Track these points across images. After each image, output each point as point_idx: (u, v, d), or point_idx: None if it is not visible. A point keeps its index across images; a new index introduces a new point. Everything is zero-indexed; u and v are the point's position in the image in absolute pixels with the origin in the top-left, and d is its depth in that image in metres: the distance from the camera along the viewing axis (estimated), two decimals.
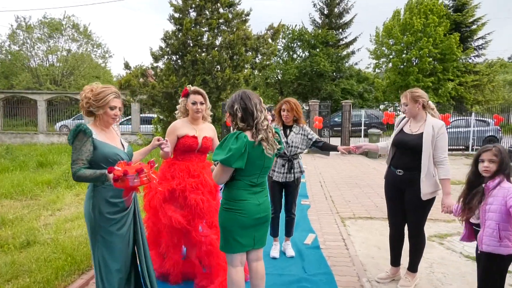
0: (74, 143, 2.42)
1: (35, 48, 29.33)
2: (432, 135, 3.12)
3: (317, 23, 32.93)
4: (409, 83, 24.97)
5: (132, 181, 2.24)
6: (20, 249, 4.30)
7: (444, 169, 3.13)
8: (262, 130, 2.41)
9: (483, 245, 2.45)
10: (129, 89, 10.03)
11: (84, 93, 2.51)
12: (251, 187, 2.50)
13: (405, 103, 3.26)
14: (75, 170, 2.36)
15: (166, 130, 3.26)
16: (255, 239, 2.56)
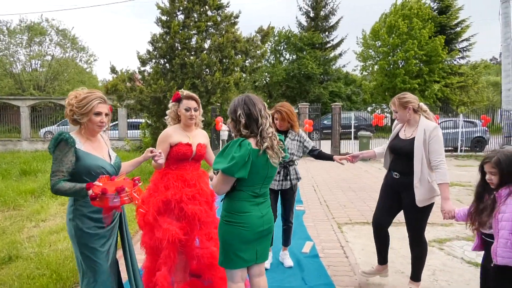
0: (55, 152, 2.24)
1: (17, 53, 28.69)
2: (424, 139, 3.04)
3: (304, 26, 33.07)
4: (396, 85, 25.19)
5: (112, 201, 2.05)
6: (1, 265, 4.05)
7: (440, 173, 3.00)
8: (267, 138, 2.25)
9: (498, 258, 2.29)
10: (116, 94, 9.77)
11: (68, 100, 2.33)
12: (254, 198, 2.32)
13: (395, 110, 3.20)
14: (54, 182, 2.19)
15: (157, 137, 3.05)
16: (257, 253, 2.38)
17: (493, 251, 2.33)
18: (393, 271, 3.88)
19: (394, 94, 24.21)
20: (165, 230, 2.78)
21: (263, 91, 33.28)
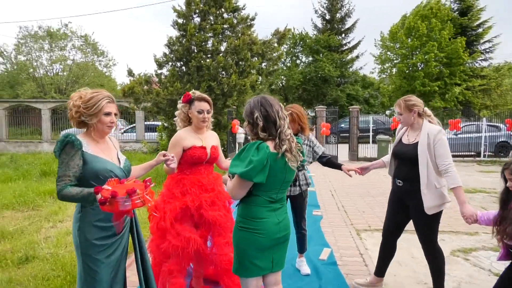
0: (61, 156, 2.11)
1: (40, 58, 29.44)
2: (428, 144, 2.95)
3: (319, 28, 32.84)
4: (415, 88, 24.70)
5: (123, 204, 1.91)
6: (18, 265, 4.07)
7: (451, 177, 2.85)
8: (286, 140, 2.15)
9: None
10: (133, 97, 9.82)
11: (72, 101, 2.19)
12: (270, 204, 2.22)
13: (400, 112, 3.12)
14: (60, 187, 2.06)
15: (169, 142, 2.95)
16: (273, 261, 2.27)
17: None
18: (415, 282, 3.72)
19: None
20: (187, 239, 2.68)
21: (279, 94, 33.16)
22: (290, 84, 30.70)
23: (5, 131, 18.43)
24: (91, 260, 2.18)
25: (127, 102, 15.36)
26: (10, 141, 18.38)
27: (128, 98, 11.03)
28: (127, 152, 16.73)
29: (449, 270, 3.95)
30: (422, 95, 25.03)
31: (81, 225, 2.18)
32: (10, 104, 19.26)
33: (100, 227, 2.18)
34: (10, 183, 8.71)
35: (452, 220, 5.74)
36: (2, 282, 3.54)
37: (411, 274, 3.87)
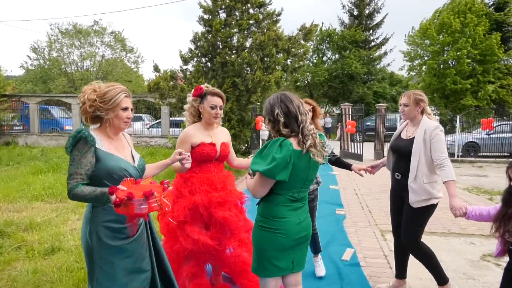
0: (73, 152, 1.98)
1: (71, 54, 30.36)
2: (424, 139, 2.98)
3: (346, 24, 32.27)
4: (445, 86, 23.89)
5: (139, 208, 1.79)
6: (44, 255, 4.18)
7: (445, 171, 2.88)
8: (309, 136, 2.09)
9: None
10: (158, 92, 9.94)
11: (86, 95, 2.06)
12: (292, 203, 2.16)
13: (406, 104, 3.11)
14: (71, 186, 1.93)
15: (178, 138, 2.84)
16: (294, 261, 2.21)
17: None
18: None
19: (443, 95, 22.88)
20: (196, 241, 2.59)
21: (305, 91, 32.86)
22: (315, 81, 30.35)
23: (37, 124, 19.10)
24: (107, 262, 2.04)
25: (152, 97, 15.59)
26: (42, 134, 19.03)
27: (153, 94, 11.19)
28: (153, 147, 17.01)
29: (479, 276, 3.78)
30: (453, 93, 24.20)
31: (92, 226, 2.05)
32: (42, 99, 19.93)
33: (111, 228, 2.05)
34: (40, 176, 9.01)
35: (482, 224, 5.50)
36: (28, 273, 3.63)
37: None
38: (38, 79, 30.12)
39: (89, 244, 2.05)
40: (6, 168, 10.43)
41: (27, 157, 12.78)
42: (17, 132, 19.16)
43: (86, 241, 2.06)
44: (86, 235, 2.06)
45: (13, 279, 3.54)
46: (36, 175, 9.04)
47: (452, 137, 14.73)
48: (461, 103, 23.76)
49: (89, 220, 2.07)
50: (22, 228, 5.07)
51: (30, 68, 30.88)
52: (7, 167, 10.61)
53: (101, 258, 2.03)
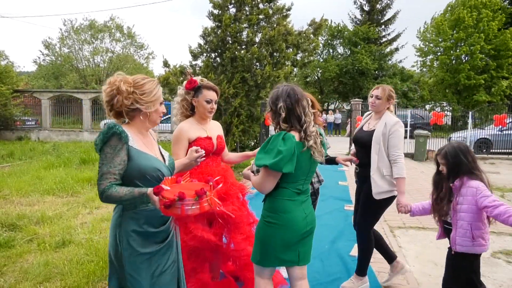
0: (104, 150, 1.81)
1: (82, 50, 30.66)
2: (384, 132, 3.04)
3: (358, 20, 31.95)
4: (459, 81, 23.57)
5: (190, 208, 1.63)
6: (55, 248, 4.24)
7: (397, 167, 2.99)
8: (311, 136, 2.09)
9: (457, 246, 2.46)
10: (167, 87, 9.97)
11: (118, 87, 1.86)
12: (297, 196, 2.17)
13: (379, 96, 3.16)
14: (105, 187, 1.76)
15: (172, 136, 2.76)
16: (300, 255, 2.21)
17: (452, 240, 2.49)
18: None
19: (456, 91, 22.50)
20: (199, 238, 2.55)
21: (314, 87, 32.69)
22: (325, 76, 30.17)
23: (49, 120, 19.35)
24: (135, 269, 1.89)
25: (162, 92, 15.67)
26: (53, 129, 19.27)
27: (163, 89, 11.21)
28: (163, 142, 17.12)
29: (489, 273, 3.73)
30: (466, 88, 23.84)
31: (123, 231, 1.89)
32: (54, 94, 20.17)
33: (143, 233, 1.90)
34: (52, 170, 9.13)
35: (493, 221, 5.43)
36: (40, 265, 3.70)
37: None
38: (50, 75, 30.50)
39: (119, 251, 1.89)
40: (19, 163, 10.60)
41: (39, 151, 12.97)
42: (29, 127, 19.45)
43: (116, 248, 1.90)
44: (116, 241, 1.90)
45: (25, 271, 3.60)
46: (48, 170, 9.18)
47: (464, 133, 14.52)
48: (474, 99, 23.40)
49: (119, 225, 1.90)
50: (34, 221, 5.16)
51: (42, 64, 31.29)
52: (19, 162, 10.79)
53: (132, 266, 1.89)
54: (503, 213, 2.21)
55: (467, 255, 2.45)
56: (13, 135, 18.79)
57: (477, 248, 2.42)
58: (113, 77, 1.93)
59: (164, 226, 1.98)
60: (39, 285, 3.37)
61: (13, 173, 8.68)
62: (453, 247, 2.50)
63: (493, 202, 2.29)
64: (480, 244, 2.42)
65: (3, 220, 4.98)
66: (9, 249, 4.18)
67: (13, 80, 19.00)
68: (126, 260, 1.88)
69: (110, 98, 1.90)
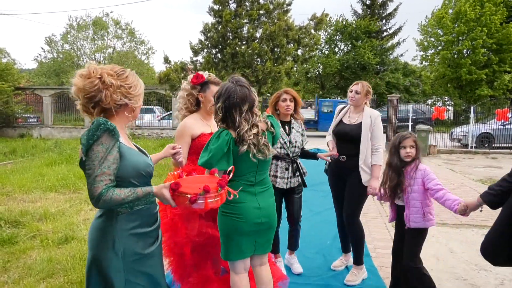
0: (94, 149, 1.61)
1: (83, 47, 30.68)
2: (370, 124, 3.27)
3: (359, 14, 31.78)
4: (460, 76, 23.46)
5: (213, 201, 1.67)
6: (58, 245, 4.26)
7: (377, 156, 3.28)
8: (247, 141, 2.10)
9: (411, 223, 2.76)
10: (168, 84, 9.97)
11: (106, 79, 1.69)
12: (250, 187, 2.21)
13: (358, 91, 3.34)
14: (102, 191, 1.58)
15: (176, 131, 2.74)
16: (256, 244, 2.31)
17: (406, 218, 2.78)
18: (453, 277, 3.53)
19: (458, 85, 22.39)
20: (203, 234, 2.56)
21: (316, 82, 32.62)
22: (327, 71, 30.07)
23: (50, 117, 19.38)
24: (134, 274, 1.77)
25: (163, 89, 15.67)
26: (55, 126, 19.32)
27: (164, 85, 11.22)
28: (164, 139, 17.13)
29: (491, 267, 3.72)
30: (468, 83, 23.75)
31: (117, 236, 1.72)
32: (56, 91, 20.19)
33: (139, 235, 1.78)
34: (54, 167, 9.16)
35: (496, 215, 5.43)
36: (43, 261, 3.72)
37: (449, 270, 3.68)
38: (51, 72, 30.54)
39: (111, 258, 1.71)
40: (21, 160, 10.63)
41: (41, 149, 13.00)
42: (31, 125, 19.50)
43: (106, 255, 1.71)
44: (107, 247, 1.71)
45: (29, 267, 3.63)
46: (50, 167, 9.20)
47: (466, 128, 14.48)
48: (476, 94, 23.30)
49: (109, 231, 1.72)
50: (36, 218, 5.18)
51: (43, 61, 31.31)
52: (22, 159, 10.83)
53: (129, 270, 1.74)
54: (441, 197, 2.60)
55: (419, 230, 2.77)
56: (15, 133, 18.84)
57: (427, 223, 2.75)
58: (88, 68, 1.73)
59: (156, 224, 1.89)
60: (42, 281, 3.38)
61: (15, 170, 8.71)
62: (407, 224, 2.78)
63: (435, 186, 2.65)
64: (429, 219, 2.75)
65: (6, 217, 5.00)
66: (13, 245, 4.20)
67: (15, 77, 19.06)
68: (127, 265, 1.73)
69: (94, 94, 1.70)
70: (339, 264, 3.69)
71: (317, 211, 5.66)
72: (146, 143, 14.32)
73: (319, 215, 5.49)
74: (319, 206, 5.90)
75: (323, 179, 7.77)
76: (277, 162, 3.27)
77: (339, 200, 3.54)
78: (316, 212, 5.60)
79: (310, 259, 3.89)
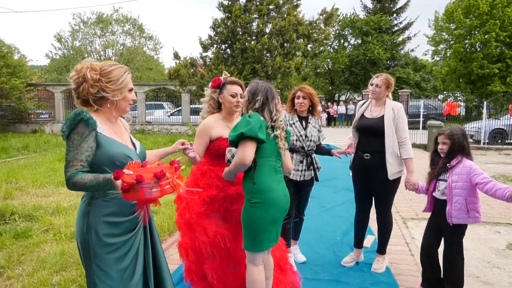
0: (71, 136, 1.78)
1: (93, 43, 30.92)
2: (393, 117, 3.23)
3: (369, 9, 31.43)
4: (472, 71, 23.11)
5: (149, 192, 1.61)
6: (70, 238, 4.31)
7: (406, 149, 3.23)
8: (279, 128, 2.37)
9: (453, 219, 2.75)
10: (178, 79, 9.98)
11: (84, 74, 1.84)
12: (275, 174, 2.36)
13: (379, 85, 3.31)
14: (71, 174, 1.72)
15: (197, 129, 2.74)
16: (277, 233, 2.44)
17: (448, 214, 2.76)
18: (466, 275, 3.48)
19: (469, 80, 22.08)
20: (214, 233, 2.54)
21: (325, 78, 32.42)
22: (336, 67, 29.86)
23: (62, 113, 19.60)
24: (103, 261, 1.84)
25: (173, 85, 15.73)
26: None
27: (174, 81, 11.25)
28: (173, 134, 17.21)
29: (504, 265, 3.69)
30: (480, 78, 23.38)
31: (91, 220, 1.84)
32: (67, 88, 20.36)
33: (112, 223, 1.86)
34: None
35: (509, 212, 5.35)
36: (56, 254, 3.77)
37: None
38: (63, 68, 30.84)
39: (87, 241, 1.85)
40: (34, 155, 10.78)
41: (53, 144, 13.17)
42: (43, 120, 19.75)
43: (83, 237, 1.87)
44: (83, 230, 1.86)
45: (42, 260, 3.68)
46: (62, 162, 9.30)
47: (479, 124, 14.28)
48: (488, 89, 22.94)
49: (87, 213, 1.86)
50: (49, 212, 5.25)
51: (54, 57, 31.64)
52: (34, 154, 10.97)
53: (99, 257, 1.84)
54: (491, 188, 2.55)
55: (460, 226, 2.78)
56: (28, 128, 19.10)
57: (471, 219, 2.72)
58: (81, 64, 1.90)
59: (133, 216, 1.93)
60: (56, 274, 3.43)
61: (28, 165, 8.83)
62: (448, 220, 2.77)
63: (484, 179, 2.62)
64: (474, 216, 2.72)
65: (20, 211, 5.08)
66: (26, 239, 4.26)
67: (27, 74, 19.28)
68: (93, 251, 1.84)
69: (76, 86, 1.87)
70: (349, 260, 3.67)
71: (328, 206, 5.64)
72: (156, 139, 14.40)
73: (330, 211, 5.47)
74: (330, 202, 5.88)
75: (334, 175, 7.74)
76: (292, 155, 3.36)
77: (362, 196, 3.56)
78: (327, 207, 5.58)
79: (321, 255, 3.88)
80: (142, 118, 18.64)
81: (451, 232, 2.82)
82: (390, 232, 3.55)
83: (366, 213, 3.63)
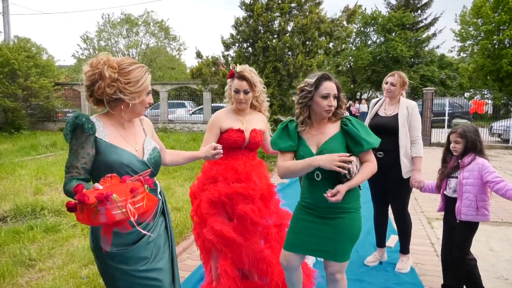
0: (71, 142, 1.67)
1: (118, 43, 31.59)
2: (407, 115, 3.24)
3: (392, 5, 30.83)
4: (501, 67, 22.34)
5: (93, 215, 1.34)
6: None
7: (417, 147, 3.25)
8: None
9: (462, 215, 2.73)
10: (200, 78, 10.07)
11: (102, 70, 1.65)
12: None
13: (394, 83, 3.32)
14: (65, 181, 1.63)
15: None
16: None
17: (457, 210, 2.76)
18: (494, 276, 3.41)
19: (498, 77, 21.41)
20: (219, 232, 2.48)
21: (347, 76, 32.04)
22: (358, 65, 29.45)
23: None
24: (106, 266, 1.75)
25: (194, 84, 15.88)
26: None
27: (196, 80, 11.35)
28: (195, 133, 17.40)
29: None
30: (509, 75, 22.58)
31: (93, 230, 1.74)
32: None
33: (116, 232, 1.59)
34: None
35: None
36: (84, 248, 3.89)
37: (490, 268, 3.55)
38: None
39: (92, 248, 1.78)
40: (61, 152, 11.11)
41: None
42: None
43: (90, 244, 1.81)
44: (92, 245, 1.78)
45: (71, 254, 3.81)
46: None
47: (507, 123, 13.82)
48: None
49: None
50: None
51: (81, 57, 32.49)
52: (62, 151, 11.31)
53: (102, 266, 1.78)
54: (502, 188, 2.53)
55: (470, 224, 2.75)
56: (55, 126, 19.69)
57: (480, 217, 2.71)
58: (97, 58, 1.71)
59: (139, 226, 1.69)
60: (85, 267, 3.55)
61: (56, 162, 9.11)
62: (457, 216, 2.76)
63: (495, 178, 2.60)
64: (483, 214, 2.71)
65: (49, 206, 5.26)
66: (56, 233, 4.42)
67: (54, 73, 19.84)
68: (105, 263, 1.74)
69: (90, 83, 1.69)
70: (372, 260, 3.65)
71: None
72: (178, 137, 14.59)
73: None
74: None
75: None
76: None
77: (378, 196, 3.57)
78: None
79: None
80: (165, 117, 18.91)
81: (459, 230, 2.80)
82: (410, 232, 3.53)
83: (384, 213, 3.63)
